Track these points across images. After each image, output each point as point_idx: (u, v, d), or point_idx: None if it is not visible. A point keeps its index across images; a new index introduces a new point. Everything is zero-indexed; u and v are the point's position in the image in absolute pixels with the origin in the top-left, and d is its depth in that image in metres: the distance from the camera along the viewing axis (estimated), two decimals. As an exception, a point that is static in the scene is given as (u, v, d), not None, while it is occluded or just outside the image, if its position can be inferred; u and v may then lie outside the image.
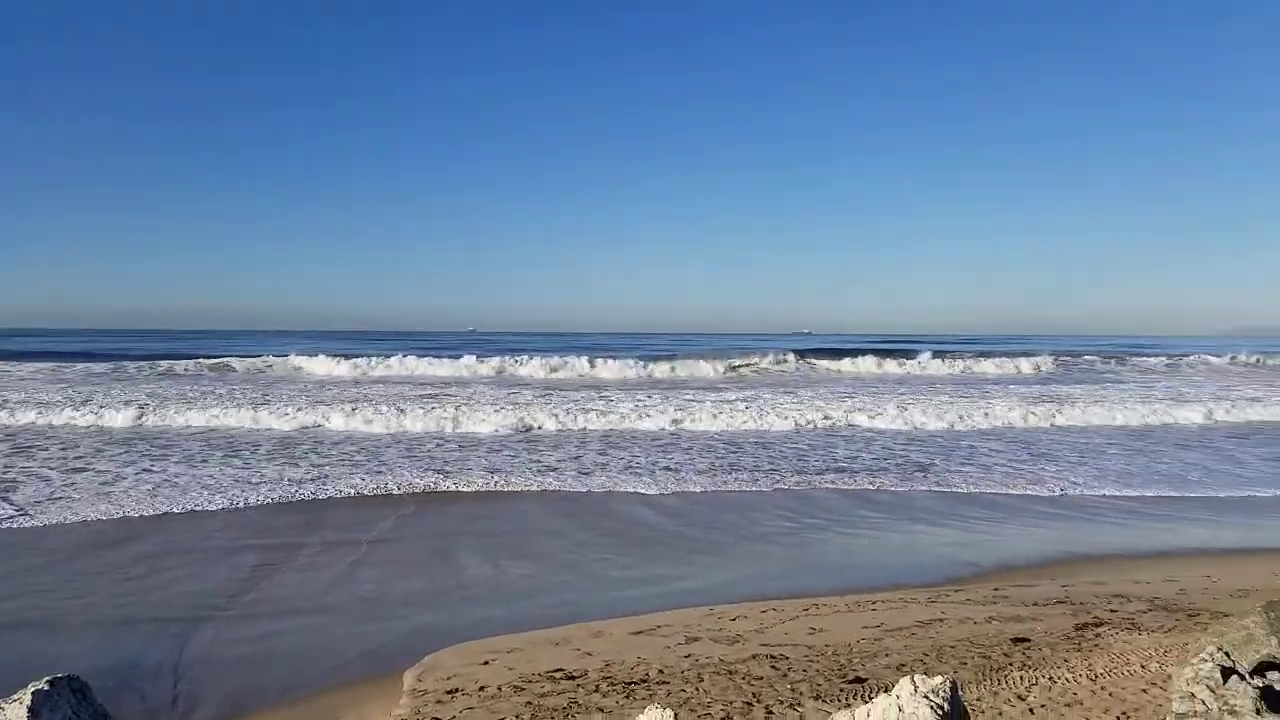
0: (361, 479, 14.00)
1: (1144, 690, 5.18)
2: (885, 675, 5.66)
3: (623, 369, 38.68)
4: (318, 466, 15.16)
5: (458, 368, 38.82)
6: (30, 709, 3.13)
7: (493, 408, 23.26)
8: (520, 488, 13.61)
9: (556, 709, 5.37)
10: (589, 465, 15.56)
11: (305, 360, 39.57)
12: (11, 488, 13.11)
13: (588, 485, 13.80)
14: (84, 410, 21.63)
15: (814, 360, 44.72)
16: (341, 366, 38.14)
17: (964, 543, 10.65)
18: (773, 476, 14.69)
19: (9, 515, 11.38)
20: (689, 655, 6.39)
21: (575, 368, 38.78)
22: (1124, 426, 22.50)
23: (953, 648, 6.34)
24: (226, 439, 18.48)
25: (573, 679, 5.98)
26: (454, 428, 19.68)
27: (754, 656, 6.28)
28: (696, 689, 5.61)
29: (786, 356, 44.33)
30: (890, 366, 43.53)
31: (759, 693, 5.48)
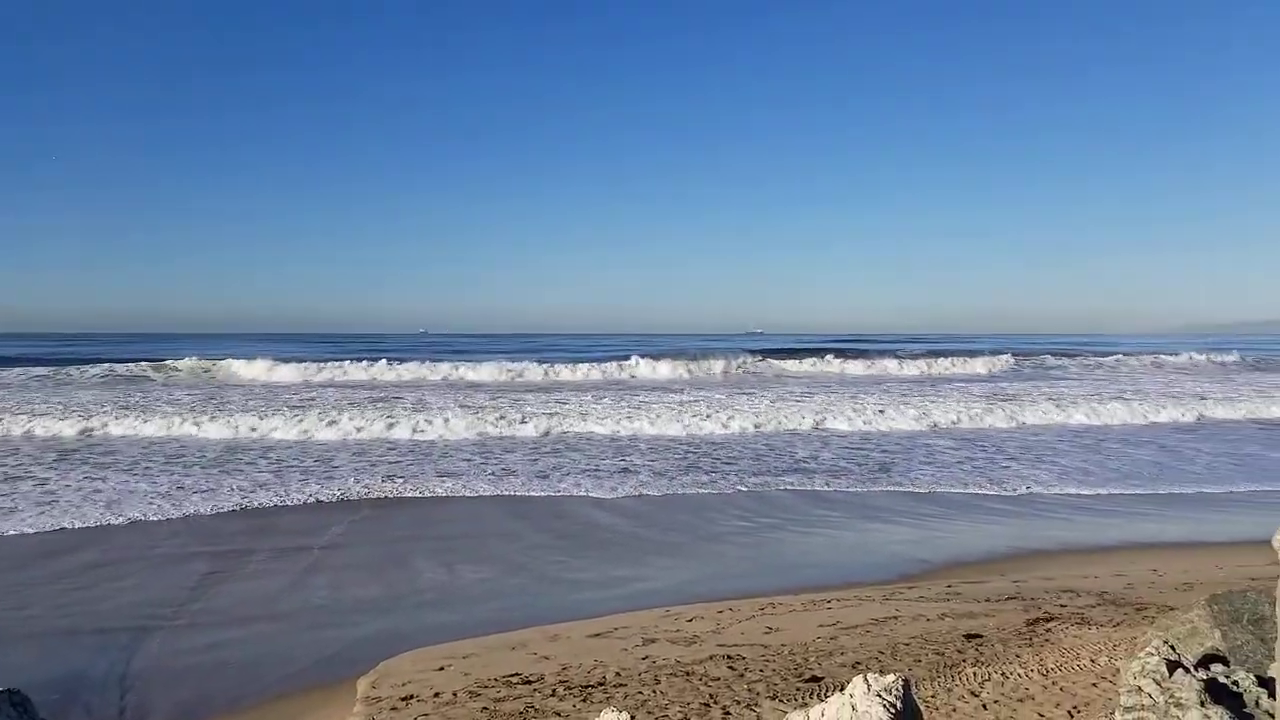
0: (313, 485, 13.77)
1: (1093, 684, 5.26)
2: (841, 674, 5.69)
3: (577, 371, 38.52)
4: (266, 473, 14.88)
5: (409, 370, 38.10)
6: (-41, 727, 3.00)
7: (445, 411, 23.05)
8: (475, 492, 13.49)
9: (513, 714, 5.31)
10: (545, 469, 15.45)
11: (249, 364, 38.48)
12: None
13: (544, 489, 13.71)
14: (21, 417, 21.00)
15: (770, 360, 44.95)
16: (288, 371, 37.33)
17: (918, 540, 10.77)
18: (730, 478, 14.73)
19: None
20: (646, 657, 6.37)
21: (529, 370, 38.32)
22: (1077, 425, 22.91)
23: (907, 645, 6.40)
24: (170, 446, 18.07)
25: (529, 683, 5.92)
26: (408, 433, 19.40)
27: (711, 657, 6.28)
28: (654, 691, 5.59)
29: (742, 357, 44.52)
30: (847, 366, 43.95)
31: (716, 693, 5.47)
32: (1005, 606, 7.58)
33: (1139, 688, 3.24)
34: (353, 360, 39.85)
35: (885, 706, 2.85)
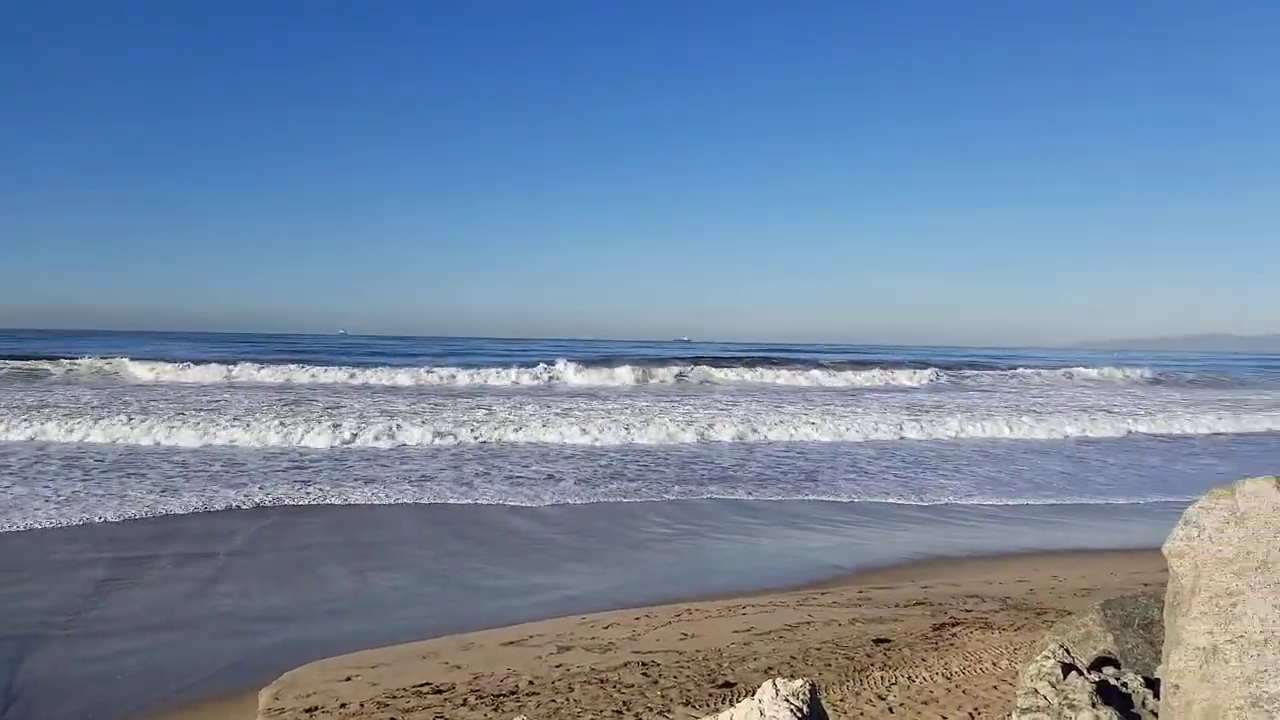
0: (221, 490, 13.31)
1: (994, 687, 5.42)
2: (753, 679, 5.73)
3: (502, 376, 38.07)
4: (170, 477, 14.31)
5: (325, 373, 36.81)
6: None
7: (362, 416, 22.60)
8: (392, 498, 13.21)
9: (421, 724, 5.21)
10: (466, 475, 15.21)
11: (155, 364, 36.76)
12: None
13: (463, 496, 13.51)
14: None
15: (699, 367, 45.08)
16: (197, 371, 35.70)
17: (833, 547, 10.95)
18: (654, 486, 14.74)
19: None
20: (560, 665, 6.33)
21: (450, 374, 37.70)
22: (993, 437, 23.41)
23: (818, 650, 6.49)
24: (67, 448, 17.28)
25: (440, 693, 5.82)
26: (322, 438, 18.86)
27: (626, 664, 6.27)
28: (567, 699, 5.55)
29: (671, 365, 44.60)
30: (775, 375, 44.31)
31: (629, 700, 5.46)
32: (913, 611, 7.76)
33: (1036, 690, 3.35)
34: (258, 364, 37.83)
35: (792, 711, 2.88)
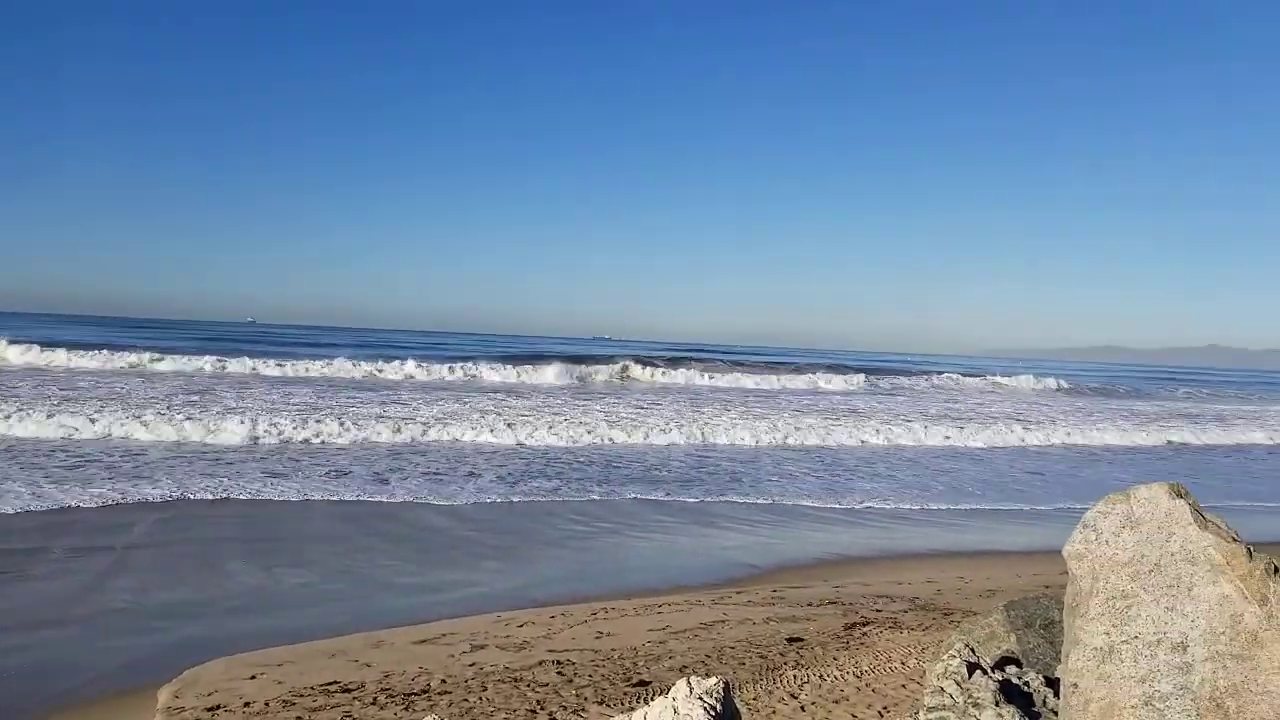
0: (118, 482, 12.74)
1: (903, 685, 5.54)
2: (668, 677, 5.75)
3: (417, 370, 37.11)
4: (62, 468, 13.58)
5: (232, 363, 34.90)
6: None
7: (270, 409, 21.99)
8: (301, 494, 12.81)
9: (328, 724, 5.09)
10: (381, 471, 14.84)
11: (49, 350, 34.35)
12: None
13: (376, 492, 13.19)
14: None
15: (624, 366, 44.95)
16: (94, 358, 33.55)
17: (749, 546, 11.07)
18: (575, 485, 14.64)
19: None
20: (474, 664, 6.24)
21: (362, 367, 36.38)
22: (915, 443, 23.71)
23: (733, 648, 6.55)
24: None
25: (348, 691, 5.68)
26: (226, 431, 18.09)
27: (540, 663, 6.22)
28: (480, 698, 5.48)
29: (591, 363, 44.42)
30: (699, 376, 44.43)
31: (543, 699, 5.42)
32: (826, 611, 7.89)
33: (941, 688, 3.42)
34: (158, 352, 35.48)
35: (706, 709, 2.89)
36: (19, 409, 18.29)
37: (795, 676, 5.77)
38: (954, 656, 3.55)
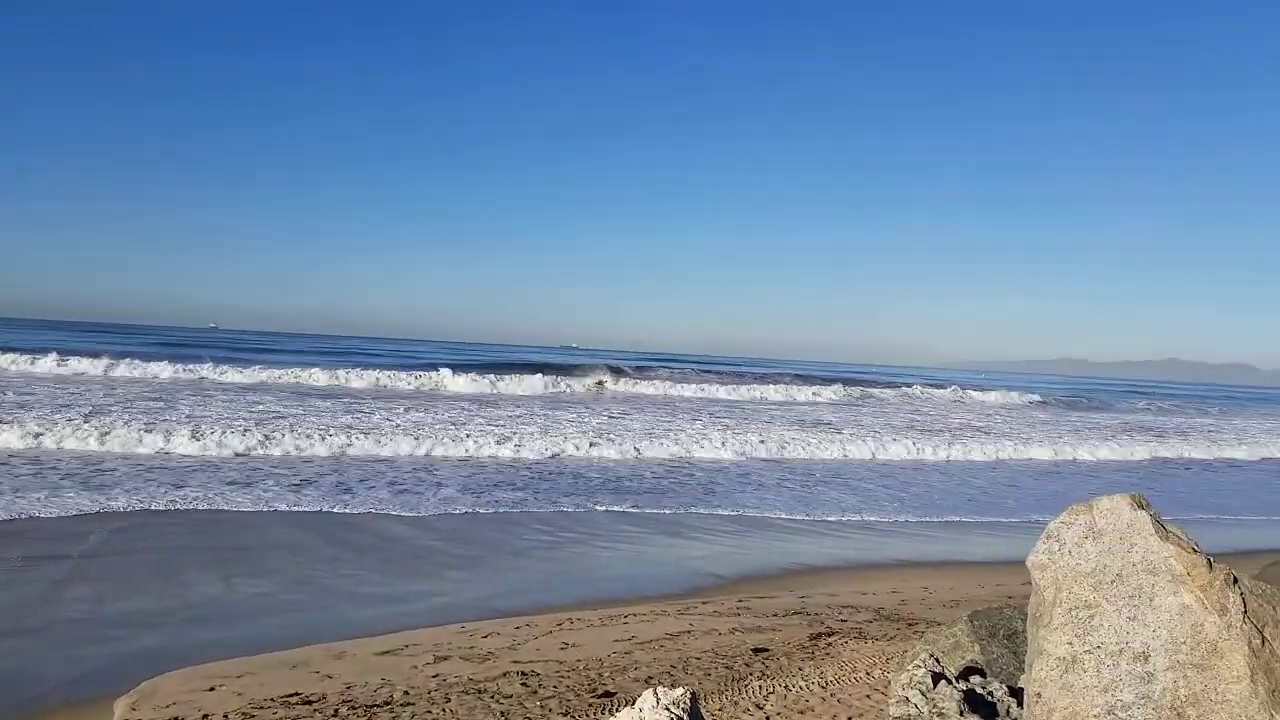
0: (74, 491, 12.45)
1: (868, 695, 5.56)
2: (634, 688, 5.72)
3: (382, 377, 36.43)
4: (15, 477, 13.19)
5: (192, 369, 34.06)
6: None
7: (232, 418, 21.65)
8: (263, 505, 12.60)
9: (287, 737, 5.00)
10: (346, 482, 14.57)
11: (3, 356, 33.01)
12: None
13: (339, 503, 12.97)
14: None
15: (593, 376, 44.75)
16: (48, 364, 32.46)
17: (715, 556, 11.07)
18: (542, 495, 14.54)
19: None
20: (437, 675, 6.17)
21: (326, 375, 35.55)
22: (886, 457, 23.48)
23: (698, 659, 6.53)
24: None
25: (309, 704, 5.59)
26: (186, 440, 17.76)
27: (505, 674, 6.16)
28: (443, 710, 5.41)
29: (560, 374, 44.06)
30: (668, 386, 44.25)
31: (508, 711, 5.37)
32: (791, 621, 7.90)
33: (907, 698, 3.43)
34: (114, 357, 33.93)
35: (673, 719, 2.87)
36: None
37: (761, 687, 5.76)
38: (919, 666, 3.56)
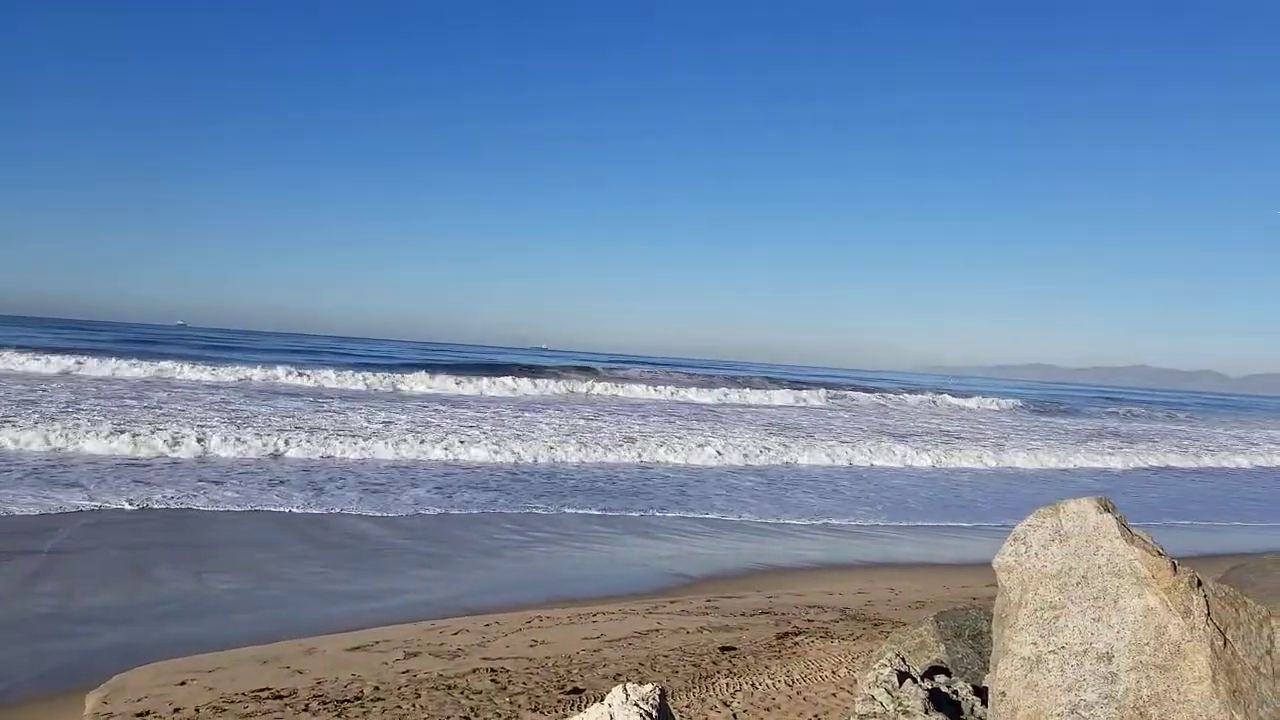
0: (40, 487, 12.28)
1: (834, 694, 5.63)
2: (602, 685, 5.76)
3: (352, 378, 35.86)
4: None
5: (161, 368, 33.52)
6: None
7: (200, 419, 21.42)
8: (234, 503, 12.47)
9: (256, 732, 4.99)
10: (317, 481, 14.38)
11: None
12: None
13: (311, 502, 12.86)
14: None
15: (569, 378, 44.51)
16: (10, 358, 31.86)
17: (683, 556, 11.13)
18: (514, 496, 14.49)
19: None
20: (407, 671, 6.17)
21: (297, 375, 35.08)
22: (853, 466, 23.33)
23: (666, 657, 6.58)
24: None
25: (280, 698, 5.58)
26: (157, 440, 17.41)
27: (474, 670, 6.18)
28: (413, 705, 5.42)
29: (537, 375, 43.76)
30: (642, 389, 43.77)
31: (477, 707, 5.39)
32: (758, 620, 7.98)
33: (872, 696, 3.50)
34: (80, 354, 33.62)
35: (642, 716, 2.91)
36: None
37: (728, 685, 5.82)
38: (885, 665, 3.63)
